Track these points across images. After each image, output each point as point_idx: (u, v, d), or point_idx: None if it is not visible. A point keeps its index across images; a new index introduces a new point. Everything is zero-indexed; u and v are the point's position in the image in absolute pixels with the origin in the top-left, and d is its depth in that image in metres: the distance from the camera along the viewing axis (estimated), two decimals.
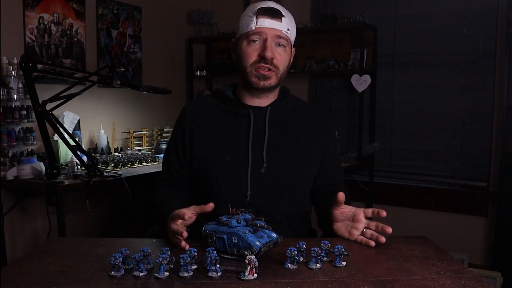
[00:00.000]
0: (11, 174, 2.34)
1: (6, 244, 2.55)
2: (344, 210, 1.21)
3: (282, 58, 1.34)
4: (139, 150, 3.19)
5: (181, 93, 3.93)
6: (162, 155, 2.94)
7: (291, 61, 1.42)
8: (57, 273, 0.99)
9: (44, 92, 2.36)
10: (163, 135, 3.40)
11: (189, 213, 1.15)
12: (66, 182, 2.22)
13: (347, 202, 1.38)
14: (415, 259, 1.07)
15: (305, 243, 1.05)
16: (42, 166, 2.34)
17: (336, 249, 1.02)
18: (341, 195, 1.19)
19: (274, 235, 1.06)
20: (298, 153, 1.38)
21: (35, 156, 2.53)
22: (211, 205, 1.14)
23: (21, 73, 2.13)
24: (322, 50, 3.55)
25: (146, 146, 3.27)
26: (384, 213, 1.14)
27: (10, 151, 2.50)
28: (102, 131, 2.99)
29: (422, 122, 3.31)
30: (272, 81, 1.34)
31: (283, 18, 1.32)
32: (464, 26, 3.10)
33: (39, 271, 1.01)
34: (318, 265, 1.01)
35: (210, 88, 4.11)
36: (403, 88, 3.36)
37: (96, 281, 0.95)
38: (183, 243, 1.12)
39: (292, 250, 1.00)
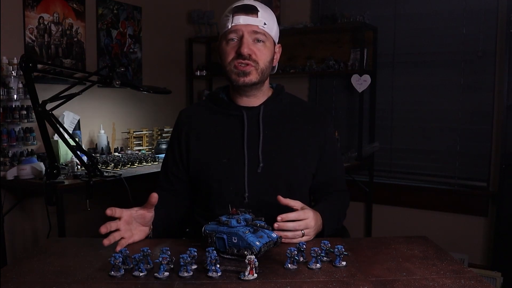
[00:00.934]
0: (11, 174, 2.34)
1: (6, 244, 2.55)
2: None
3: (261, 53, 1.33)
4: (139, 150, 3.19)
5: (181, 93, 3.93)
6: (162, 155, 2.96)
7: (277, 58, 1.42)
8: (57, 273, 0.99)
9: (44, 92, 2.36)
10: (163, 135, 3.40)
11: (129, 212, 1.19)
12: (66, 182, 2.22)
13: (339, 202, 1.41)
14: (415, 259, 1.07)
15: (305, 243, 1.05)
16: (42, 166, 2.34)
17: (336, 249, 1.02)
18: (280, 199, 1.19)
19: (274, 235, 1.06)
20: (294, 151, 1.38)
21: (35, 156, 2.54)
22: (154, 195, 1.18)
23: (21, 73, 2.14)
24: (322, 50, 3.55)
25: (146, 146, 3.27)
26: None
27: (10, 151, 2.50)
28: (102, 131, 2.99)
29: (422, 122, 3.31)
30: (253, 76, 1.32)
31: (258, 13, 1.31)
32: (464, 26, 3.10)
33: (39, 271, 1.01)
34: (318, 265, 1.01)
35: (210, 88, 4.12)
36: (403, 88, 3.36)
37: (96, 281, 0.95)
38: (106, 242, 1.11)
39: (292, 250, 1.00)
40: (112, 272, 0.98)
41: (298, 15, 3.55)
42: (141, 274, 0.97)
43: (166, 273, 0.97)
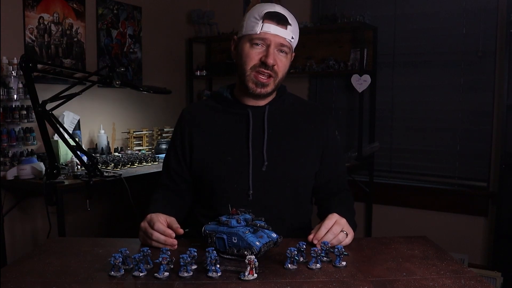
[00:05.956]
0: (11, 174, 2.34)
1: (6, 244, 2.55)
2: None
3: (282, 64, 1.34)
4: (139, 150, 3.19)
5: (181, 93, 3.93)
6: (162, 155, 2.96)
7: (290, 64, 1.43)
8: (57, 273, 0.99)
9: (44, 92, 2.36)
10: (163, 135, 3.40)
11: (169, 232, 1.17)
12: (66, 182, 2.22)
13: (349, 202, 1.40)
14: (415, 259, 1.08)
15: (305, 243, 1.05)
16: (42, 166, 2.34)
17: (336, 249, 1.03)
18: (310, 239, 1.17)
19: (274, 235, 1.06)
20: (298, 150, 1.39)
21: (35, 156, 2.53)
22: (180, 232, 1.18)
23: (21, 73, 2.13)
24: (322, 50, 3.55)
25: (146, 146, 3.27)
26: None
27: (10, 151, 2.50)
28: (102, 131, 2.99)
29: (422, 122, 3.31)
30: (269, 88, 1.35)
31: (289, 26, 1.31)
32: (464, 26, 3.09)
33: (39, 271, 1.01)
34: (318, 265, 1.02)
35: (210, 88, 4.11)
36: (403, 88, 3.36)
37: (96, 281, 0.95)
38: (171, 241, 1.15)
39: (292, 250, 1.01)
40: (112, 272, 0.98)
41: (298, 15, 3.50)
42: (141, 274, 0.97)
43: (166, 273, 0.97)
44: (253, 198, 1.33)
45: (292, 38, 1.33)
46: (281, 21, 1.30)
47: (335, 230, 1.16)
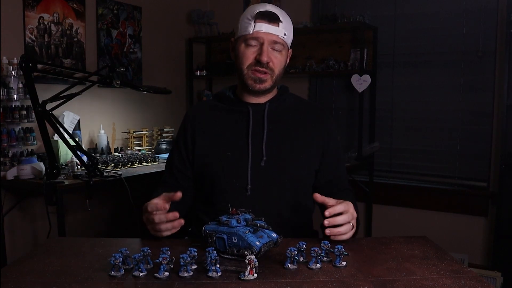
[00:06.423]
0: (11, 174, 2.34)
1: (6, 244, 2.55)
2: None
3: (278, 61, 1.38)
4: (139, 150, 3.19)
5: (181, 93, 3.92)
6: (162, 155, 2.97)
7: (288, 62, 1.46)
8: (57, 273, 0.99)
9: (44, 92, 2.37)
10: (163, 135, 3.40)
11: (161, 203, 1.17)
12: (66, 182, 2.22)
13: (354, 201, 1.38)
14: (415, 259, 1.08)
15: (305, 243, 1.05)
16: (42, 166, 2.34)
17: (336, 249, 1.02)
18: (316, 197, 1.18)
19: (274, 235, 1.06)
20: (298, 147, 1.41)
21: (35, 156, 2.53)
22: (178, 195, 1.17)
23: (21, 73, 2.14)
24: (322, 50, 3.55)
25: (146, 146, 3.27)
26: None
27: (10, 151, 2.50)
28: (102, 131, 2.99)
29: (422, 122, 3.31)
30: (268, 83, 1.38)
31: (280, 23, 1.34)
32: (464, 26, 3.09)
33: (39, 271, 1.01)
34: (318, 265, 1.02)
35: (210, 88, 4.11)
36: (403, 88, 3.36)
37: (96, 281, 0.95)
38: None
39: (292, 250, 1.01)
40: (112, 272, 0.98)
41: (298, 15, 3.55)
42: (141, 274, 0.97)
43: (166, 273, 0.97)
44: (251, 193, 1.34)
45: (285, 34, 1.36)
46: (273, 19, 1.34)
47: (347, 217, 1.16)
